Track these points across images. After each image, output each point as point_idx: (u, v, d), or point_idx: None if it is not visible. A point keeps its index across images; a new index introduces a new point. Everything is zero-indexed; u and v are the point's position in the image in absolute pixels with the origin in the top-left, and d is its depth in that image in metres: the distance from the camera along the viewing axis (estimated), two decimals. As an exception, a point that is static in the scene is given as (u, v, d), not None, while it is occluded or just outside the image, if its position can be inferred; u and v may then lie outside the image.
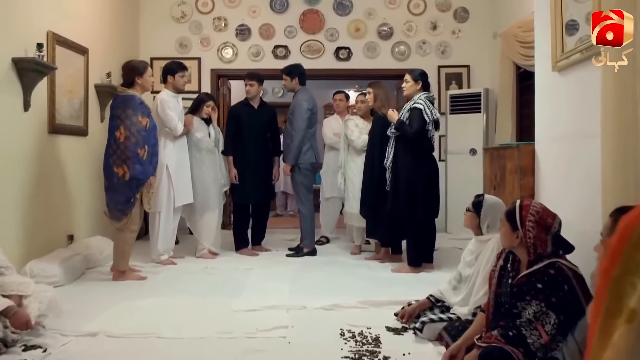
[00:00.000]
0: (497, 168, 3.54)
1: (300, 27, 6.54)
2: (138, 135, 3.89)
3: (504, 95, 5.70)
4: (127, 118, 3.90)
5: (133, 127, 3.89)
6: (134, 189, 3.92)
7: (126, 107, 3.93)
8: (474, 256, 2.84)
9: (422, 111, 4.17)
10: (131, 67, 4.10)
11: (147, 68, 4.14)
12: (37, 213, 4.12)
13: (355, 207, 5.00)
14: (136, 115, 3.91)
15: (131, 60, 4.20)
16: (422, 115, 4.16)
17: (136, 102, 3.95)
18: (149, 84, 4.16)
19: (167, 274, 4.28)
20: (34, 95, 4.00)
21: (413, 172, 4.22)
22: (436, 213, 4.43)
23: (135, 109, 3.92)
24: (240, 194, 5.13)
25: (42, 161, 4.22)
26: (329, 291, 3.68)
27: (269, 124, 5.26)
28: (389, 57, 6.55)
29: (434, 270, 4.38)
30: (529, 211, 2.13)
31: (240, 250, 5.17)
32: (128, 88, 4.05)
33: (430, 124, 4.20)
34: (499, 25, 5.94)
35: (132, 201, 3.94)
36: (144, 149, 3.92)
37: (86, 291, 3.70)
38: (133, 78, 4.05)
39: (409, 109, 4.26)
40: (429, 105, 4.22)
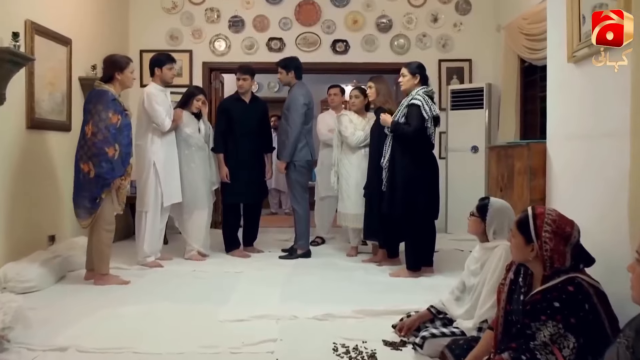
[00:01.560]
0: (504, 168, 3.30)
1: (296, 19, 6.31)
2: (107, 133, 3.67)
3: (508, 90, 5.48)
4: (97, 113, 3.68)
5: (101, 124, 3.66)
6: (99, 188, 3.70)
7: (97, 102, 3.71)
8: (479, 264, 2.61)
9: (420, 108, 3.94)
10: (112, 61, 3.87)
11: (130, 64, 3.90)
12: (15, 213, 3.90)
13: (350, 207, 4.78)
14: (106, 112, 3.69)
15: (114, 54, 3.96)
16: (421, 112, 3.93)
17: (108, 98, 3.72)
18: (130, 80, 3.92)
19: (152, 277, 4.05)
20: (9, 88, 3.75)
21: (411, 171, 3.99)
22: (436, 214, 4.21)
23: (106, 105, 3.70)
24: (232, 194, 4.90)
25: (20, 158, 3.99)
26: (322, 298, 3.46)
27: (261, 120, 5.04)
28: (388, 50, 6.33)
29: (434, 275, 4.17)
30: (545, 220, 1.89)
31: (231, 252, 4.95)
32: (106, 83, 3.83)
33: (430, 121, 3.97)
34: (503, 18, 5.71)
35: (97, 201, 3.72)
36: (114, 147, 3.70)
37: (63, 297, 3.47)
38: (112, 73, 3.83)
39: (406, 105, 4.03)
40: (427, 100, 3.98)
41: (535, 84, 5.35)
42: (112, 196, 3.78)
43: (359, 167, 4.78)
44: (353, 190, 4.77)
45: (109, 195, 3.74)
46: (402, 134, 3.99)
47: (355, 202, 4.77)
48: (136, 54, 6.11)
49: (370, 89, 4.56)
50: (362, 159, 4.78)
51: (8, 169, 3.85)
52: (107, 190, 3.72)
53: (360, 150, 4.79)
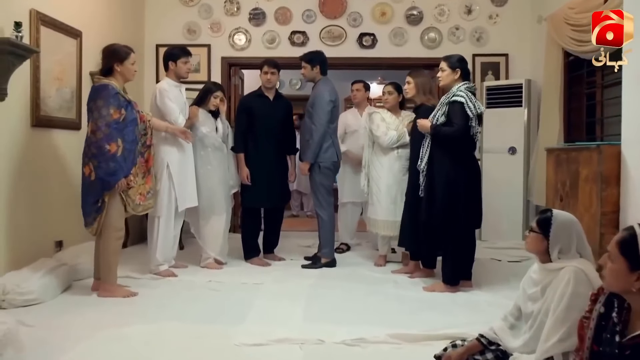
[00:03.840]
0: (565, 174, 2.89)
1: (320, 11, 5.98)
2: (107, 130, 3.33)
3: (550, 87, 5.05)
4: (97, 110, 3.36)
5: (101, 121, 3.34)
6: (99, 190, 3.37)
7: (97, 98, 3.39)
8: (539, 288, 2.21)
9: (464, 105, 3.55)
10: (111, 52, 3.54)
11: (130, 54, 3.56)
12: (18, 217, 3.64)
13: (380, 213, 4.41)
14: (106, 108, 3.35)
15: (113, 44, 3.64)
16: (465, 110, 3.54)
17: (109, 93, 3.39)
18: (131, 73, 3.58)
19: (163, 289, 3.72)
20: (12, 83, 3.47)
21: (451, 175, 3.60)
22: (478, 223, 3.81)
23: (106, 100, 3.37)
24: (252, 197, 4.56)
25: (24, 158, 3.71)
26: (350, 318, 3.09)
27: (285, 119, 4.69)
28: (418, 44, 5.96)
29: (472, 290, 3.78)
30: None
31: (250, 260, 4.61)
32: (106, 76, 3.50)
33: (474, 119, 3.58)
34: (544, 8, 5.28)
35: (99, 204, 3.39)
36: (117, 143, 3.36)
37: (65, 312, 3.15)
38: (112, 64, 3.49)
39: (446, 103, 3.64)
40: (471, 97, 3.59)
41: (581, 79, 4.93)
42: (118, 199, 3.44)
43: (390, 169, 4.41)
44: (384, 195, 4.41)
45: (113, 198, 3.41)
46: (445, 138, 3.61)
47: (386, 207, 4.40)
48: (152, 49, 5.84)
49: (409, 84, 4.18)
50: (394, 161, 4.41)
51: (11, 170, 3.57)
52: (110, 193, 3.39)
53: (393, 152, 4.42)
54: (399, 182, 4.38)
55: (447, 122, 3.64)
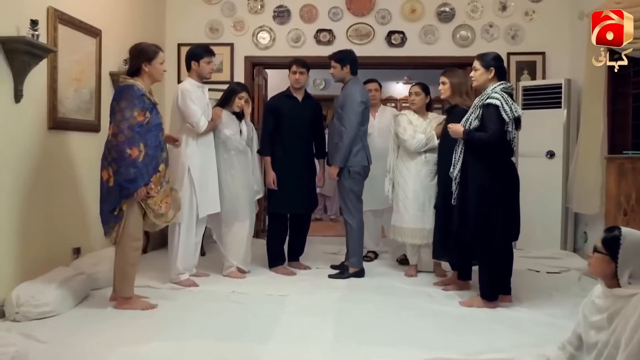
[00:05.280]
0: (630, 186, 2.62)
1: (347, 8, 5.76)
2: (129, 133, 3.14)
3: (592, 87, 4.75)
4: (120, 112, 3.16)
5: (124, 123, 3.14)
6: (117, 197, 3.18)
7: (121, 99, 3.20)
8: (605, 316, 1.96)
9: (499, 108, 3.28)
10: (139, 51, 3.35)
11: (159, 53, 3.37)
12: (34, 224, 3.48)
13: (407, 221, 4.18)
14: (130, 110, 3.16)
15: (140, 43, 3.45)
16: (500, 113, 3.28)
17: (134, 94, 3.20)
18: (159, 73, 3.39)
19: (184, 300, 3.54)
20: (27, 84, 3.33)
21: (486, 184, 3.34)
22: (516, 235, 3.55)
23: (131, 102, 3.17)
24: (278, 202, 4.36)
25: (40, 162, 3.56)
26: (384, 337, 2.87)
27: (314, 120, 4.48)
28: (450, 42, 5.71)
29: (513, 305, 3.52)
30: None
31: (275, 268, 4.40)
32: (133, 76, 3.31)
33: (511, 124, 3.31)
34: (586, 3, 4.96)
35: (116, 213, 3.21)
36: (139, 148, 3.16)
37: (80, 326, 2.97)
38: (139, 64, 3.30)
39: (480, 106, 3.38)
40: (507, 99, 3.32)
41: (627, 79, 4.61)
42: (137, 207, 3.26)
43: (417, 175, 4.18)
44: (411, 202, 4.17)
45: (132, 206, 3.22)
46: (479, 143, 3.36)
47: (413, 215, 4.17)
48: (173, 48, 5.69)
49: (444, 84, 3.92)
50: (421, 165, 4.18)
51: (26, 174, 3.41)
52: (128, 201, 3.20)
53: (420, 156, 4.19)
54: (427, 188, 4.16)
55: (481, 127, 3.38)
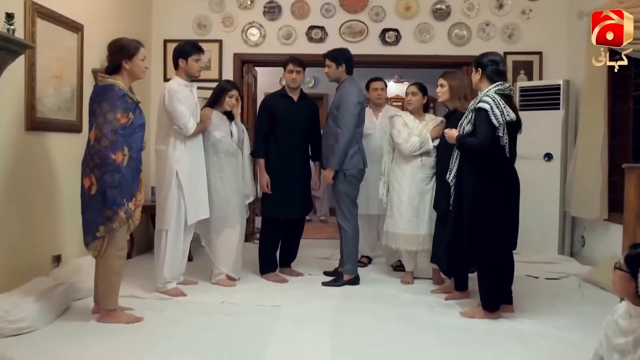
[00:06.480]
0: (652, 197, 2.49)
1: (340, 5, 5.61)
2: (113, 137, 2.95)
3: (592, 88, 4.66)
4: (102, 114, 2.97)
5: (106, 127, 2.95)
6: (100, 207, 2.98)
7: (102, 100, 3.00)
8: (630, 339, 1.82)
9: (488, 112, 3.13)
10: (118, 47, 3.14)
11: (140, 49, 3.16)
12: (11, 231, 3.28)
13: (401, 226, 4.04)
14: (113, 112, 2.97)
15: (120, 39, 3.24)
16: (489, 118, 3.13)
17: (115, 95, 3.00)
18: (141, 70, 3.18)
19: (170, 313, 3.34)
20: (3, 82, 3.07)
21: (480, 192, 3.20)
22: (514, 244, 3.41)
23: (112, 104, 2.98)
24: (273, 206, 4.19)
25: (17, 165, 3.35)
26: (385, 353, 2.72)
27: (310, 121, 4.31)
28: (445, 41, 5.58)
29: (515, 316, 3.38)
30: None
31: (266, 275, 4.24)
32: (112, 74, 3.11)
33: (502, 129, 3.14)
34: (586, 2, 4.84)
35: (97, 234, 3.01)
36: (123, 152, 2.98)
37: (58, 344, 2.75)
38: (119, 61, 3.10)
39: (472, 110, 3.24)
40: (498, 102, 3.14)
41: (628, 80, 4.52)
42: None
43: (413, 179, 4.04)
44: (405, 206, 4.03)
45: None
46: (469, 150, 3.22)
47: (408, 220, 4.03)
48: (159, 44, 5.51)
49: (442, 87, 3.77)
50: (417, 169, 4.04)
51: (2, 178, 3.20)
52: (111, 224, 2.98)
53: (416, 160, 4.03)
54: (422, 192, 4.02)
55: (473, 132, 3.24)
